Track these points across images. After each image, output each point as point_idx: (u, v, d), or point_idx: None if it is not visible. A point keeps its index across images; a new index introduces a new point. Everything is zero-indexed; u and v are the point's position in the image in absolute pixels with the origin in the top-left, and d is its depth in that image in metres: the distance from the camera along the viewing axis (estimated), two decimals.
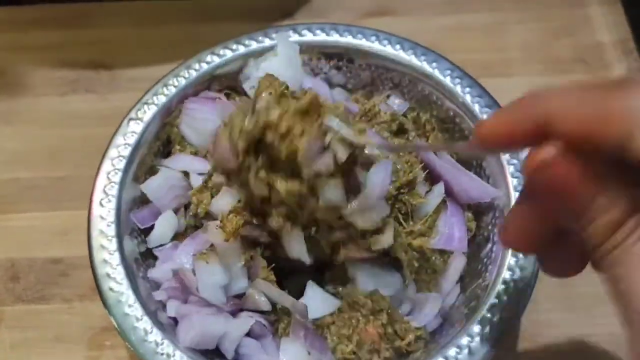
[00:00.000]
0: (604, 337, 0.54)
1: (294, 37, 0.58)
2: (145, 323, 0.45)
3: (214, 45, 0.58)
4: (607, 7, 0.74)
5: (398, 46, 0.57)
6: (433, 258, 0.50)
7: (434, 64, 0.56)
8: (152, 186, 0.51)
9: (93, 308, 0.56)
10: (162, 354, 0.44)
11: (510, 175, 0.50)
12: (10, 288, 0.58)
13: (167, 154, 0.55)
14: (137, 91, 0.56)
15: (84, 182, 0.53)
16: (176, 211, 0.53)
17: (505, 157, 0.51)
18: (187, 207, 0.53)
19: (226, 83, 0.58)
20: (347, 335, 0.46)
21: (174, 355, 0.44)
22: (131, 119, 0.54)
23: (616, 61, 0.70)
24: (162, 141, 0.55)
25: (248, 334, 0.47)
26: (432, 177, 0.52)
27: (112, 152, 0.52)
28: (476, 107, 0.53)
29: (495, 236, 0.50)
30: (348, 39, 0.58)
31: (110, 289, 0.47)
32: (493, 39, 0.72)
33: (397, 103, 0.58)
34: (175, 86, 0.55)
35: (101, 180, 0.51)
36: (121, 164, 0.52)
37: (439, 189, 0.51)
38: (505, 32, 0.73)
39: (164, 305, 0.48)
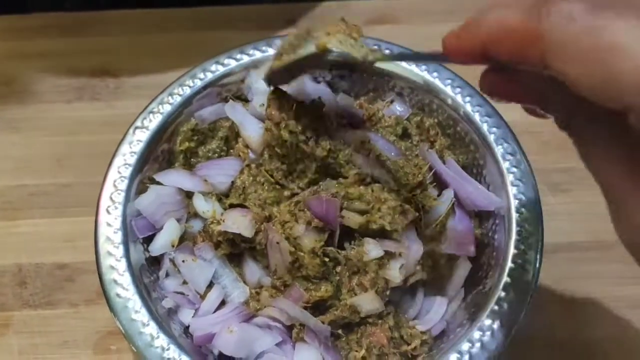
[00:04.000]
0: (603, 340, 0.55)
1: None
2: (152, 328, 0.46)
3: (218, 53, 0.58)
4: None
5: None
6: (441, 262, 0.50)
7: (435, 74, 0.56)
8: (143, 203, 0.52)
9: (99, 312, 0.57)
10: (168, 359, 0.45)
11: (510, 184, 0.51)
12: (17, 293, 0.59)
13: (172, 162, 0.56)
14: (142, 98, 0.57)
15: (90, 188, 0.53)
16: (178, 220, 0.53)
17: (505, 165, 0.51)
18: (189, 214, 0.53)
19: (231, 92, 0.58)
20: (356, 339, 0.47)
21: None
22: (137, 127, 0.54)
23: None
24: (168, 150, 0.56)
25: None
26: (440, 183, 0.53)
27: (119, 160, 0.53)
28: (476, 116, 0.54)
29: (496, 242, 0.51)
30: None
31: (117, 295, 0.47)
32: None
33: (399, 109, 0.58)
34: (180, 95, 0.56)
35: (108, 188, 0.52)
36: (127, 172, 0.52)
37: (449, 194, 0.51)
38: None
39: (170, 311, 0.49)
